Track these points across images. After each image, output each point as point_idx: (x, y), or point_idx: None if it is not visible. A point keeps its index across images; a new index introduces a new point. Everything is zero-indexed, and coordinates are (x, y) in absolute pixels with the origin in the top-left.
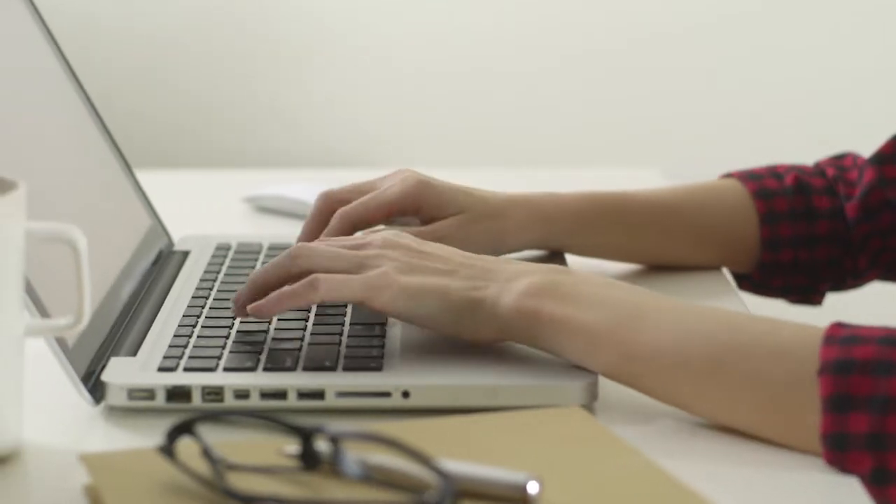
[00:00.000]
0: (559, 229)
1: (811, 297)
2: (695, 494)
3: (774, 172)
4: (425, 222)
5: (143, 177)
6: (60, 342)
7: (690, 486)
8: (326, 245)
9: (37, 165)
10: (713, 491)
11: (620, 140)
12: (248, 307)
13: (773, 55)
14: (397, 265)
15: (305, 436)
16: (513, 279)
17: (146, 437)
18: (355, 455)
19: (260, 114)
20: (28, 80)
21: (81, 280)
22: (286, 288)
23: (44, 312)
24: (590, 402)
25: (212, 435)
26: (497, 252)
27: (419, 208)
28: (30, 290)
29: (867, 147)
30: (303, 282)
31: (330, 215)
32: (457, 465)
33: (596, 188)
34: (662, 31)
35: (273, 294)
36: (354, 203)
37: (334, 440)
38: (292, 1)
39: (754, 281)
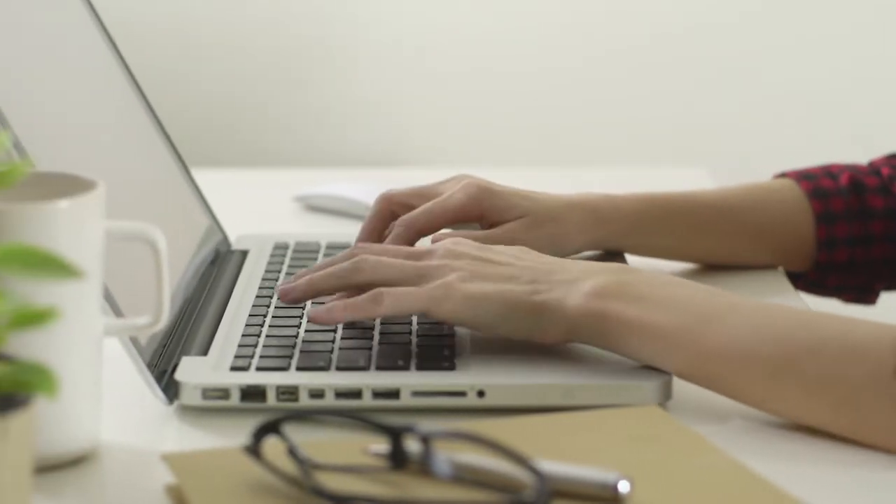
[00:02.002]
0: (616, 231)
1: (866, 296)
2: (784, 493)
3: (829, 172)
4: (488, 227)
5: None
6: (135, 342)
7: (777, 484)
8: (388, 257)
9: (101, 165)
10: (793, 490)
11: (665, 139)
12: (309, 312)
13: (817, 51)
14: (459, 274)
15: (395, 435)
16: (578, 280)
17: (219, 436)
18: (445, 455)
19: (305, 114)
20: (89, 80)
21: (161, 279)
22: (350, 300)
23: (118, 312)
24: (663, 400)
25: (293, 435)
26: (558, 255)
27: (482, 214)
28: (105, 290)
29: None
30: (366, 296)
31: (389, 217)
32: (547, 465)
33: (645, 188)
34: (701, 23)
35: (336, 304)
36: (418, 211)
37: (425, 440)
38: (339, 5)
39: (809, 280)
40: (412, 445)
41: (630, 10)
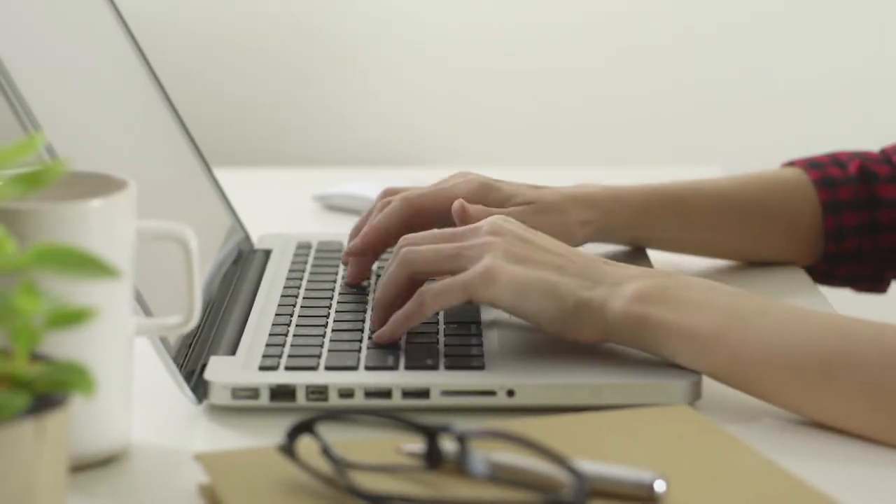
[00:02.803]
0: (619, 223)
1: (877, 285)
2: (819, 493)
3: (837, 160)
4: None
5: None
6: (164, 341)
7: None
8: (430, 243)
9: (128, 165)
10: (826, 490)
11: (678, 137)
12: (374, 339)
13: (833, 49)
14: (504, 254)
15: (431, 435)
16: (620, 283)
17: (248, 435)
18: (481, 454)
19: (322, 114)
20: (116, 80)
21: (192, 279)
22: (399, 312)
23: (147, 311)
24: (693, 400)
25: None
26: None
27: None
28: (135, 289)
29: None
30: (411, 301)
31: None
32: (583, 464)
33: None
34: (721, 22)
35: (391, 322)
36: (419, 192)
37: (461, 439)
38: (358, 5)
39: (819, 271)
40: (447, 445)
41: (645, 10)
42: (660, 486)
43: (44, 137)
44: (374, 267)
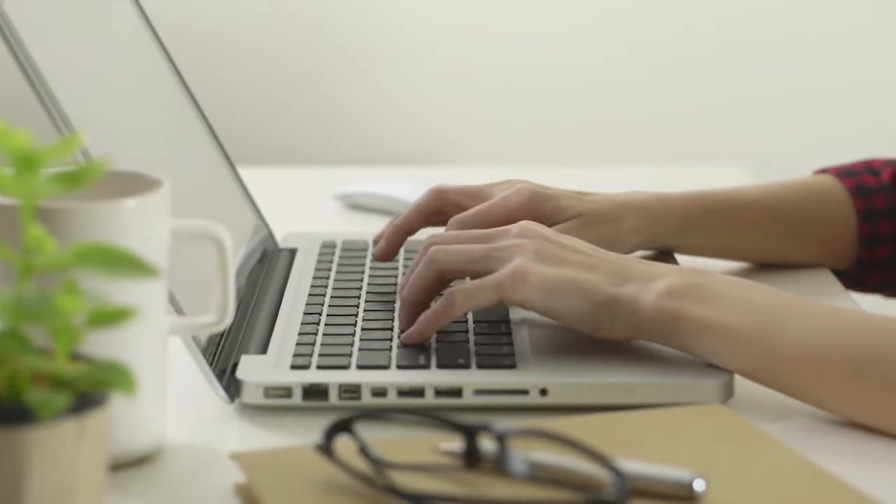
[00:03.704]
0: (668, 231)
1: None
2: (856, 490)
3: (870, 168)
4: None
5: None
6: (196, 340)
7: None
8: (460, 243)
9: (157, 164)
10: (862, 488)
11: (701, 137)
12: (402, 339)
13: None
14: (534, 255)
15: (470, 434)
16: (652, 279)
17: (280, 434)
18: (521, 453)
19: (341, 112)
20: (143, 81)
21: (226, 278)
22: (429, 311)
23: (179, 310)
24: (725, 399)
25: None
26: None
27: (535, 218)
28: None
29: None
30: (441, 300)
31: (435, 211)
32: (623, 463)
33: (684, 187)
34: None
35: (420, 320)
36: (472, 211)
37: (501, 438)
38: (378, 5)
39: (851, 277)
40: (485, 444)
41: (656, 9)
42: (699, 485)
43: (82, 137)
44: (401, 263)
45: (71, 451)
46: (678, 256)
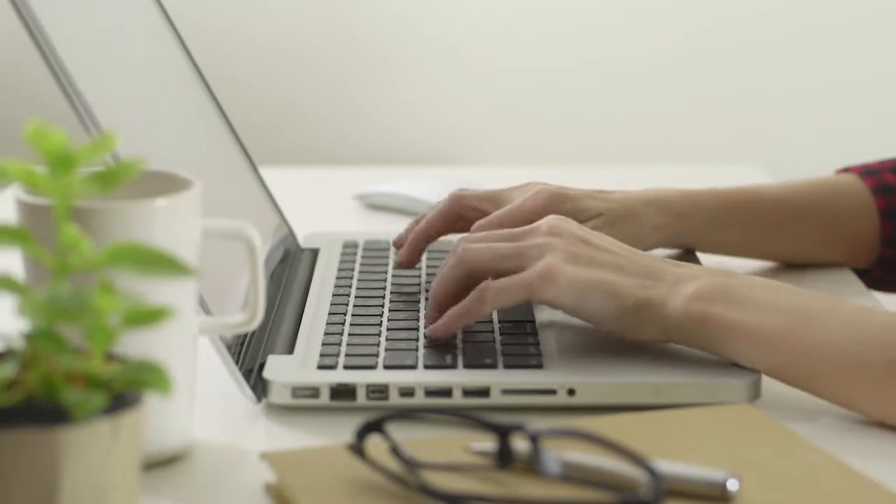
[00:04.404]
0: (691, 227)
1: None
2: (889, 490)
3: (893, 167)
4: None
5: None
6: (224, 340)
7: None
8: (489, 242)
9: (182, 164)
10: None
11: (718, 137)
12: (427, 333)
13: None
14: (564, 254)
15: (503, 434)
16: (681, 282)
17: (306, 434)
18: (554, 453)
19: (358, 113)
20: (167, 82)
21: (256, 278)
22: (457, 307)
23: (207, 310)
24: (752, 399)
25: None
26: None
27: None
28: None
29: None
30: (470, 296)
31: (456, 217)
32: (657, 463)
33: (703, 186)
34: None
35: (448, 315)
36: (492, 217)
37: (534, 438)
38: (397, 4)
39: (873, 276)
40: (517, 443)
41: (687, 7)
42: (733, 485)
43: (117, 137)
44: (424, 265)
45: (105, 451)
46: (700, 255)
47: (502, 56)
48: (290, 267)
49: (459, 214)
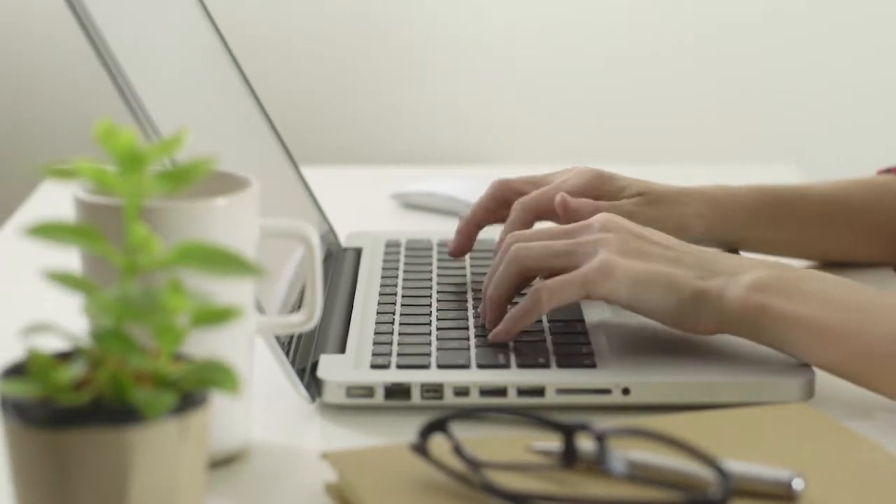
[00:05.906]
0: (733, 221)
1: None
2: None
3: None
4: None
5: None
6: (279, 340)
7: None
8: (540, 240)
9: (231, 164)
10: None
11: (750, 136)
12: (490, 338)
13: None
14: (618, 249)
15: (568, 433)
16: (738, 273)
17: (361, 433)
18: (620, 452)
19: (393, 112)
20: (214, 82)
21: (314, 277)
22: (514, 310)
23: (261, 309)
24: (806, 398)
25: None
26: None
27: (598, 197)
28: None
29: None
30: (526, 299)
31: (501, 202)
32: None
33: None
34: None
35: (507, 319)
36: (535, 193)
37: (600, 437)
38: (434, 8)
39: None
40: (581, 443)
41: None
42: (798, 484)
43: (186, 136)
44: (468, 262)
45: (173, 451)
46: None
47: (537, 56)
48: (333, 266)
49: (505, 198)
